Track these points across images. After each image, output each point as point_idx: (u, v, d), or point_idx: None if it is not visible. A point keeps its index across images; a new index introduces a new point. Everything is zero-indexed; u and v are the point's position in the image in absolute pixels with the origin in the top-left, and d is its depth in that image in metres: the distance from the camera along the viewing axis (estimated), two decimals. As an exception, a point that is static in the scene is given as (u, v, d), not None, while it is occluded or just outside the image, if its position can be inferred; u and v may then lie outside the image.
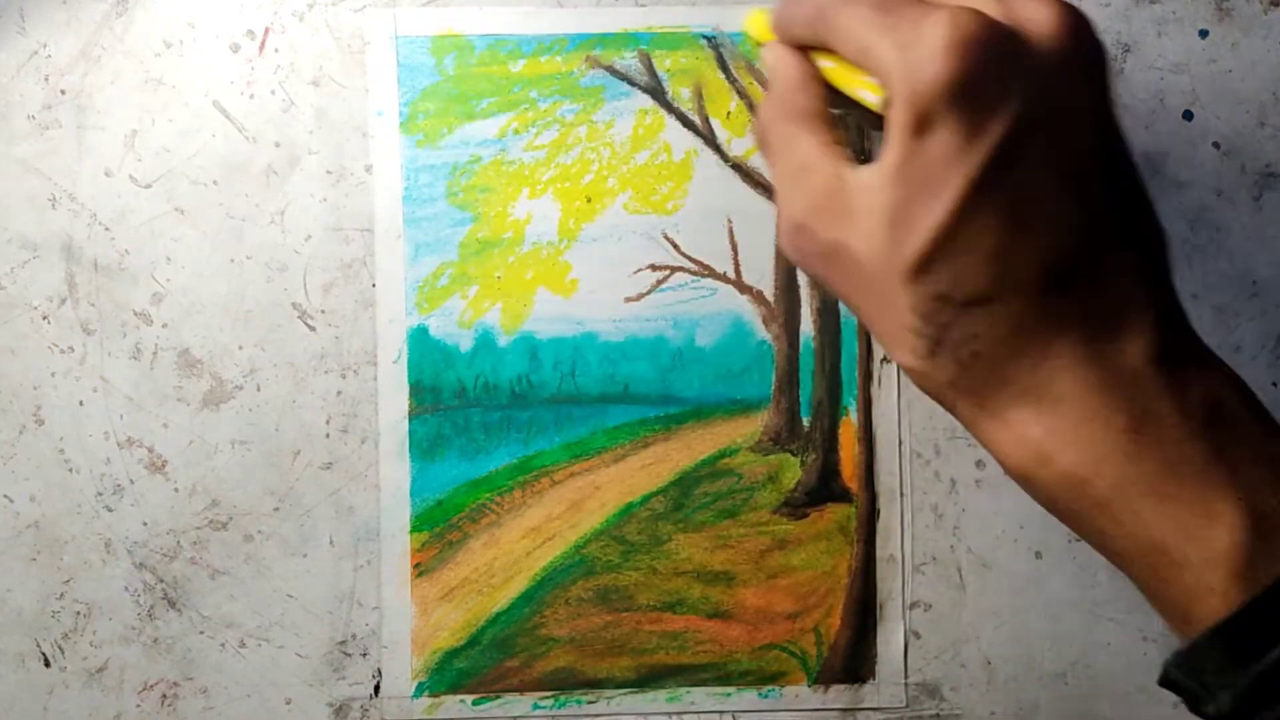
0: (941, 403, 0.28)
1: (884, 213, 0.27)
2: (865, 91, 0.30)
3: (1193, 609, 0.25)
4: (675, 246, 0.40)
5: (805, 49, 0.31)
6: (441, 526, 0.40)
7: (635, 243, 0.40)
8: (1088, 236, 0.27)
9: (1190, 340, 0.27)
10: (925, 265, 0.26)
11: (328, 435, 0.40)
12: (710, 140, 0.40)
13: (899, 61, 0.26)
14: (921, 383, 0.29)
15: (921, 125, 0.26)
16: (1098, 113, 0.27)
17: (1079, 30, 0.27)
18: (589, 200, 0.40)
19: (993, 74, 0.26)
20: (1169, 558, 0.25)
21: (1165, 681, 0.26)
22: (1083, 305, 0.26)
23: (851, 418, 0.40)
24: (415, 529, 0.40)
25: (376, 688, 0.40)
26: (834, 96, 0.32)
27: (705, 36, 0.40)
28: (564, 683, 0.40)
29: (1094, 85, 0.27)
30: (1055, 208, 0.26)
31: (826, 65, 0.32)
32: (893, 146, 0.26)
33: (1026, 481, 0.27)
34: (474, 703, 0.40)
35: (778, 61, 0.32)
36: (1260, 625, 0.24)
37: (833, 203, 0.28)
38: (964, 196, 0.26)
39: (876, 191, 0.27)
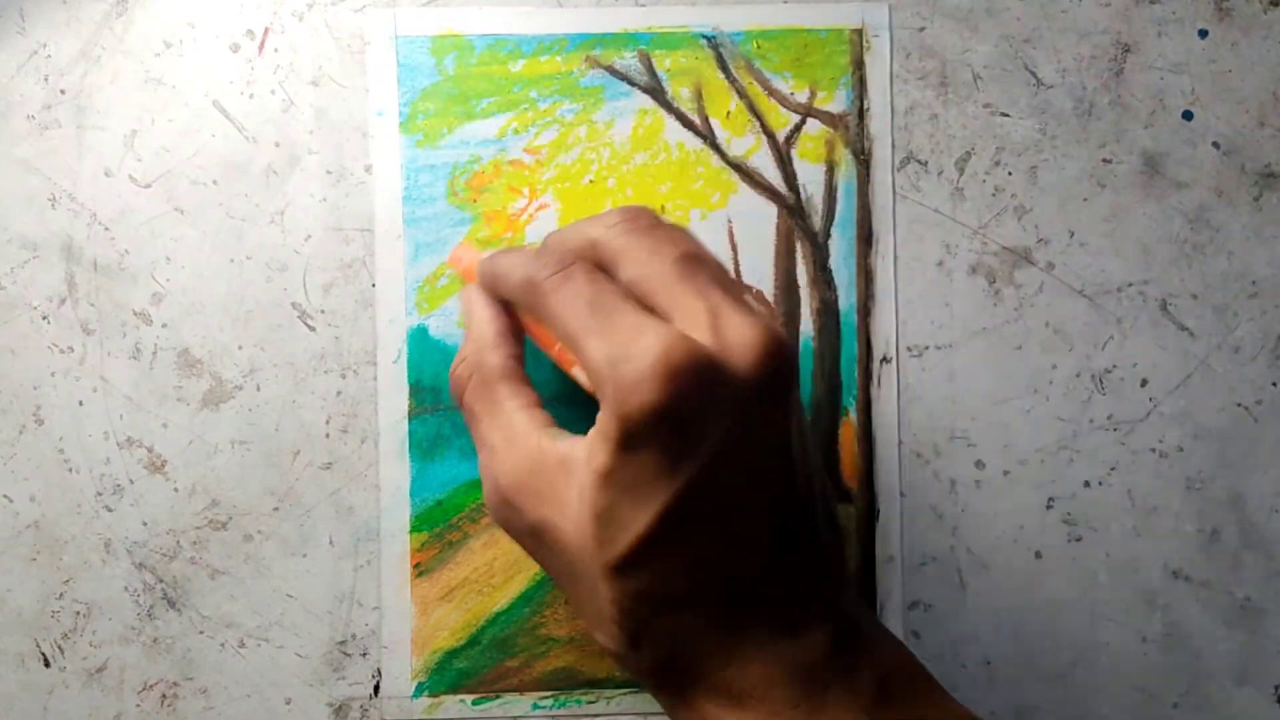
0: (644, 686, 0.31)
1: (591, 510, 0.28)
2: (576, 371, 0.32)
3: None
4: (675, 246, 0.40)
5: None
6: (441, 526, 0.40)
7: (635, 243, 0.40)
8: (771, 550, 0.29)
9: (860, 625, 0.30)
10: (628, 565, 0.28)
11: (327, 435, 0.40)
12: (710, 140, 0.40)
13: (610, 374, 0.27)
14: (623, 666, 0.31)
15: (629, 442, 0.27)
16: (785, 435, 0.29)
17: (779, 356, 0.28)
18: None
19: (698, 404, 0.27)
20: None
21: None
22: (767, 609, 0.29)
23: (851, 418, 0.40)
24: (415, 529, 0.40)
25: (376, 688, 0.40)
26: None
27: (705, 36, 0.40)
28: (564, 683, 0.40)
29: (785, 408, 0.29)
30: (745, 524, 0.28)
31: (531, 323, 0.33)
32: (601, 452, 0.28)
33: None
34: (474, 703, 0.40)
35: (474, 314, 0.34)
36: None
37: (538, 481, 0.30)
38: (666, 511, 0.27)
39: (585, 488, 0.28)
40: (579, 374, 0.32)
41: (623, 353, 0.27)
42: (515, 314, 0.34)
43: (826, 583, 0.30)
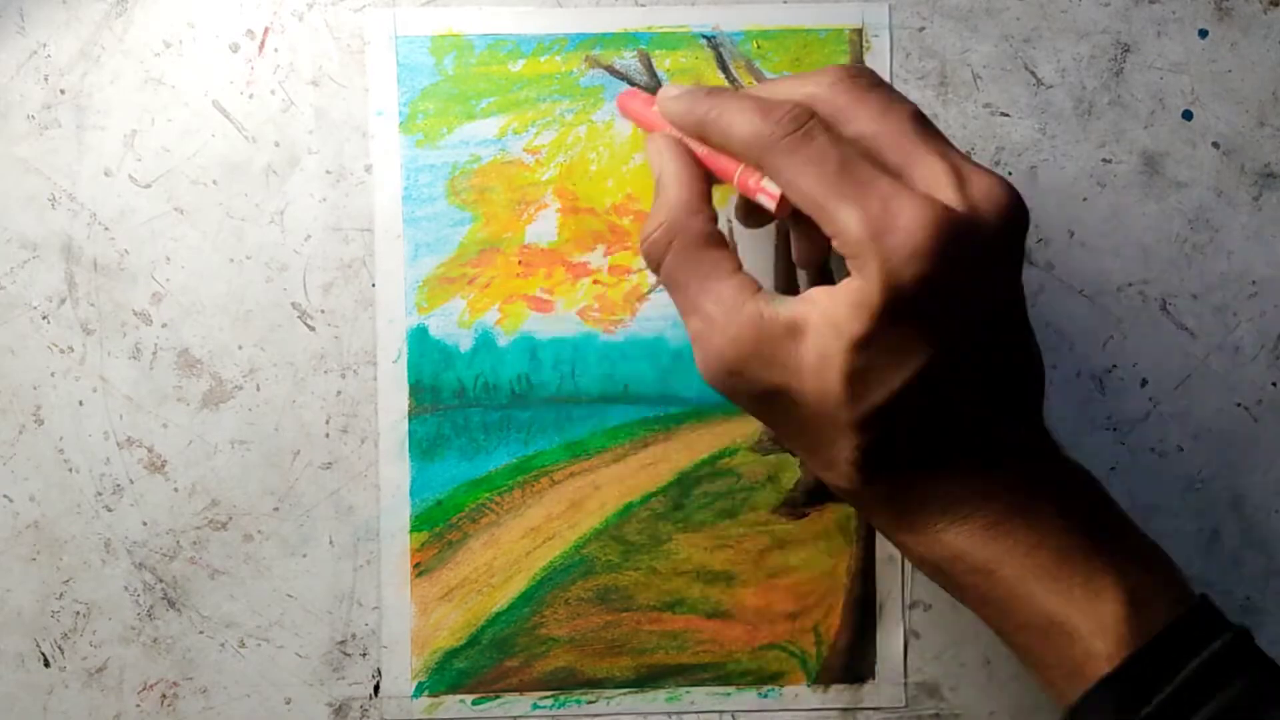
0: (862, 512, 0.33)
1: (841, 371, 0.29)
2: (764, 198, 0.31)
3: (1084, 670, 0.30)
4: (675, 246, 0.40)
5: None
6: (441, 526, 0.40)
7: (635, 243, 0.40)
8: (1004, 391, 0.31)
9: (1061, 456, 0.33)
10: (877, 419, 0.29)
11: (327, 435, 0.40)
12: (710, 140, 0.40)
13: (872, 245, 0.28)
14: (850, 499, 0.33)
15: (894, 311, 0.28)
16: (1020, 281, 0.31)
17: (1021, 207, 0.30)
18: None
19: (961, 273, 0.28)
20: (1062, 629, 0.30)
21: None
22: (995, 441, 0.31)
23: (851, 418, 0.40)
24: (415, 529, 0.40)
25: (376, 688, 0.40)
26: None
27: (705, 36, 0.40)
28: (564, 683, 0.40)
29: (1022, 253, 0.31)
30: (988, 373, 0.30)
31: (702, 152, 0.32)
32: (858, 320, 0.28)
33: (940, 573, 0.32)
34: (474, 702, 0.40)
35: (667, 172, 0.33)
36: (1142, 678, 0.29)
37: (765, 348, 0.30)
38: (923, 370, 0.29)
39: (832, 352, 0.29)
40: (763, 200, 0.31)
41: (886, 224, 0.28)
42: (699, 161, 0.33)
43: (1035, 414, 0.32)
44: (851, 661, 0.40)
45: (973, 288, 0.29)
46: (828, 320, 0.29)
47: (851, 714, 0.40)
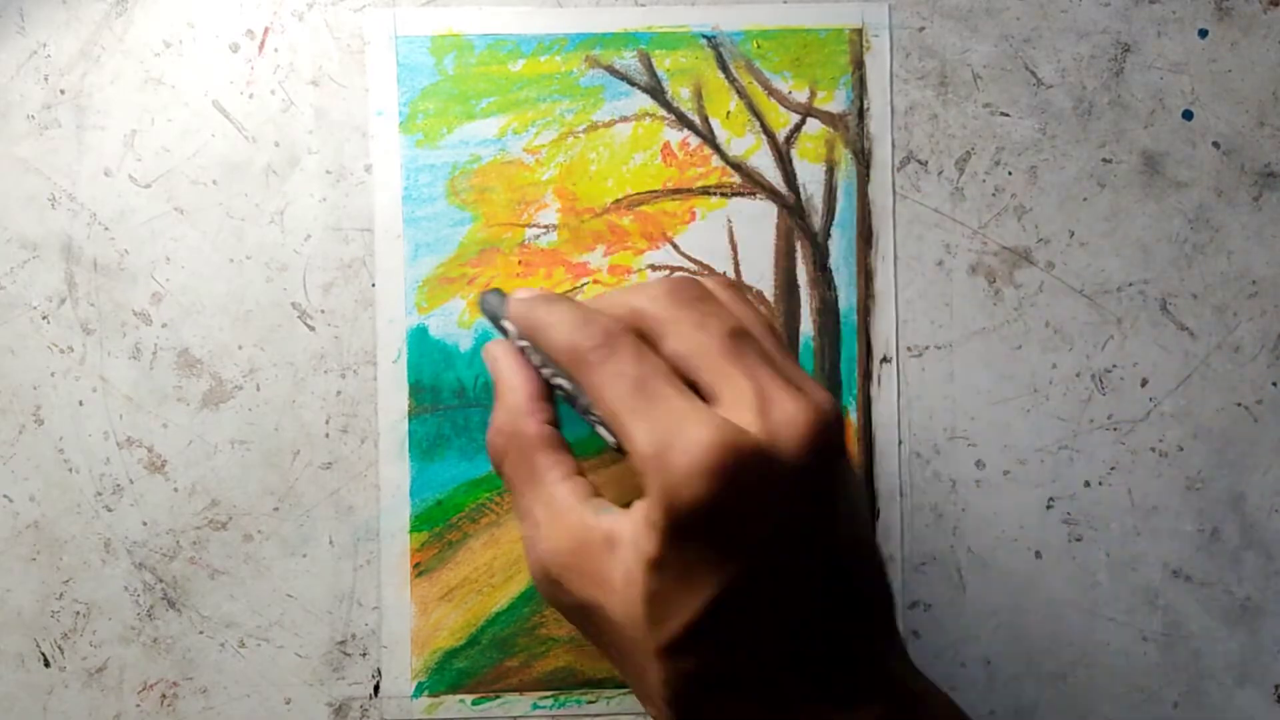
0: None
1: (640, 593, 0.28)
2: (601, 429, 0.31)
3: None
4: (675, 247, 0.40)
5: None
6: (441, 526, 0.40)
7: (635, 242, 0.40)
8: (821, 626, 0.28)
9: (913, 691, 0.30)
10: (678, 648, 0.28)
11: (327, 435, 0.40)
12: (710, 140, 0.40)
13: (656, 463, 0.27)
14: None
15: (677, 534, 0.27)
16: (833, 512, 0.29)
17: (826, 436, 0.28)
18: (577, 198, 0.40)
19: (747, 497, 0.27)
20: None
21: None
22: (820, 685, 0.28)
23: (851, 417, 0.40)
24: (415, 529, 0.40)
25: (376, 687, 0.40)
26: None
27: (705, 36, 0.40)
28: (564, 682, 0.40)
29: (832, 485, 0.28)
30: (795, 605, 0.28)
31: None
32: (649, 540, 0.27)
33: None
34: (474, 702, 0.40)
35: (503, 377, 0.33)
36: None
37: (582, 560, 0.29)
38: (716, 599, 0.27)
39: (633, 571, 0.28)
40: (603, 432, 0.32)
41: (668, 441, 0.27)
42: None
43: (877, 650, 0.30)
44: (851, 661, 0.40)
45: (767, 514, 0.27)
46: (633, 536, 0.28)
47: (851, 714, 0.40)
